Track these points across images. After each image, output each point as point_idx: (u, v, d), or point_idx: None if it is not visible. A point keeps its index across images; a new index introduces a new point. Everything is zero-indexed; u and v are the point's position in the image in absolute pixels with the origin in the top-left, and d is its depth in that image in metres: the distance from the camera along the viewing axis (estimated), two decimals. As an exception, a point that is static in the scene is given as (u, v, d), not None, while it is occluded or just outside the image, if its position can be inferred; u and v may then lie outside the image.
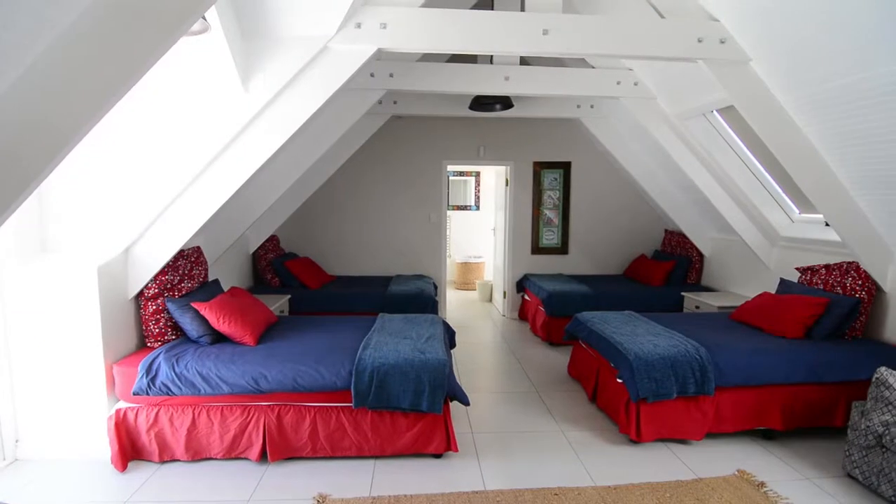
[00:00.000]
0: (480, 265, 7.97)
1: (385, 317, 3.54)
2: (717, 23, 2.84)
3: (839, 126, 2.76)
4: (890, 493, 2.29)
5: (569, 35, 2.77)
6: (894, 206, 2.87)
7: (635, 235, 6.05)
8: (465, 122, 5.68)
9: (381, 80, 3.75)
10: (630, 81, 4.01)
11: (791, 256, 4.03)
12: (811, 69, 2.62)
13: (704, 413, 2.86)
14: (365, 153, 5.59)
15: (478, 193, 8.38)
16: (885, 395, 2.33)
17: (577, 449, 2.82)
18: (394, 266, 5.85)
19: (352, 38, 2.66)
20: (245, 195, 3.78)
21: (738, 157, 3.98)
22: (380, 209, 5.79)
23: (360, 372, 2.56)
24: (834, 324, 3.14)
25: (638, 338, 3.11)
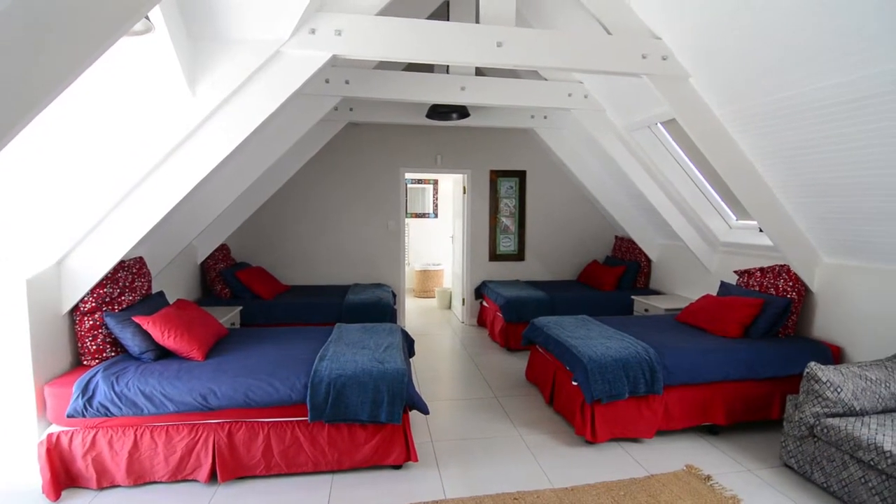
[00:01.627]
0: (439, 272, 7.99)
1: (342, 327, 3.47)
2: (659, 40, 3.00)
3: (768, 139, 2.98)
4: (822, 479, 2.46)
5: (522, 48, 2.84)
6: (819, 213, 3.12)
7: (588, 242, 6.25)
8: (422, 130, 5.70)
9: (336, 86, 3.71)
10: (580, 94, 4.16)
11: (730, 260, 4.30)
12: (742, 86, 2.82)
13: (654, 412, 2.98)
14: (321, 160, 5.50)
15: (436, 201, 8.41)
16: (816, 389, 2.52)
17: (535, 452, 2.86)
18: (351, 275, 5.76)
19: (306, 44, 2.61)
20: (192, 203, 3.62)
21: (680, 168, 4.21)
22: (337, 217, 5.69)
23: (316, 384, 2.50)
24: (769, 323, 3.36)
25: (591, 341, 3.20)
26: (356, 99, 4.35)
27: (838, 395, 2.46)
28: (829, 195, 2.93)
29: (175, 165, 2.61)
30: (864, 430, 2.29)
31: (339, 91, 3.73)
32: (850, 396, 2.47)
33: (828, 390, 2.47)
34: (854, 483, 2.29)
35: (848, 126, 2.49)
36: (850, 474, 2.31)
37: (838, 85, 2.35)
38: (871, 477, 2.21)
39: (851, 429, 2.32)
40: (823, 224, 3.16)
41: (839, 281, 3.28)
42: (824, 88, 2.43)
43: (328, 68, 3.56)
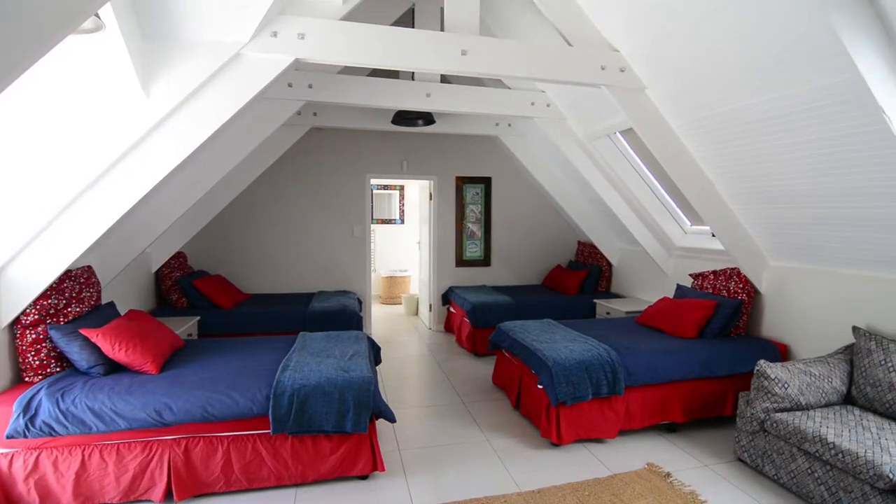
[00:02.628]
0: (406, 279, 7.95)
1: (306, 335, 3.39)
2: (617, 53, 3.12)
3: (718, 148, 3.13)
4: (772, 472, 2.59)
5: (486, 56, 2.89)
6: (764, 218, 3.30)
7: (552, 247, 6.38)
8: (388, 136, 5.68)
9: (299, 90, 3.65)
10: (543, 103, 4.26)
11: (685, 264, 4.48)
12: (692, 98, 2.97)
13: (617, 412, 3.06)
14: (284, 165, 5.38)
15: (402, 207, 8.38)
16: (765, 385, 2.65)
17: (502, 457, 2.88)
18: (316, 282, 5.65)
19: (267, 47, 2.56)
20: (146, 208, 3.46)
21: (638, 175, 4.36)
22: (301, 223, 5.58)
23: (278, 395, 2.43)
24: (721, 323, 3.52)
25: (556, 344, 3.26)
26: (320, 103, 4.29)
27: (786, 390, 2.60)
28: (773, 202, 3.11)
29: (127, 169, 2.49)
30: (810, 424, 2.42)
31: (303, 95, 3.67)
32: (797, 392, 2.62)
33: (776, 386, 2.61)
34: (801, 474, 2.42)
35: (785, 137, 2.66)
36: (798, 466, 2.44)
37: (776, 99, 2.51)
38: (817, 468, 2.34)
39: (798, 422, 2.45)
40: (769, 229, 3.35)
41: (785, 282, 3.48)
42: (764, 102, 2.59)
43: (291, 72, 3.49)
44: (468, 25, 2.96)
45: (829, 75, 2.20)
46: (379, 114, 4.79)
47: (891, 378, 2.51)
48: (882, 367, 2.57)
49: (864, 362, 2.68)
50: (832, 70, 2.16)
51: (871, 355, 2.65)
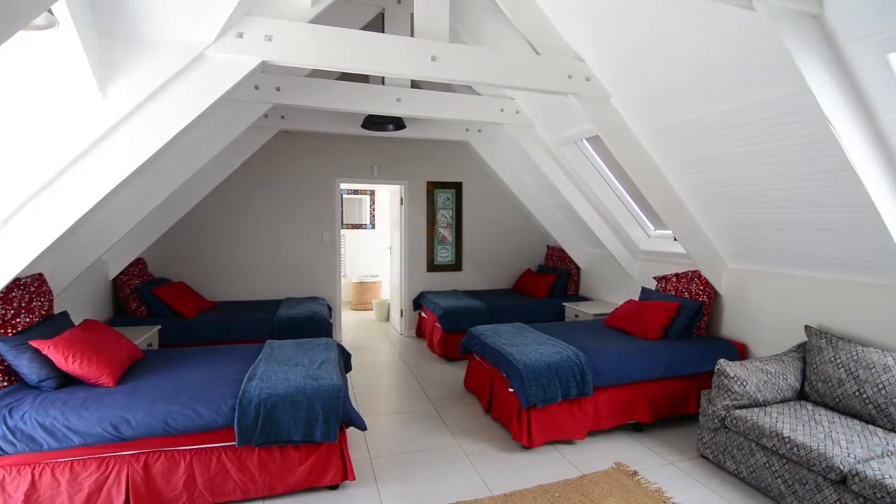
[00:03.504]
0: (377, 284, 7.88)
1: (274, 343, 3.31)
2: (583, 62, 3.20)
3: (679, 156, 3.25)
4: (733, 467, 2.69)
5: (456, 63, 2.91)
6: (723, 223, 3.44)
7: (522, 251, 6.46)
8: (358, 141, 5.64)
9: (266, 93, 3.58)
10: (512, 109, 4.32)
11: (649, 267, 4.62)
12: (656, 107, 3.07)
13: (586, 413, 3.11)
14: (251, 169, 5.26)
15: (373, 212, 8.32)
16: (725, 383, 2.76)
17: (474, 461, 2.88)
18: (284, 289, 5.53)
19: (233, 48, 2.50)
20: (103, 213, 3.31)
21: (604, 181, 4.48)
22: (268, 228, 5.46)
23: (244, 406, 2.36)
24: (684, 324, 3.64)
25: (526, 347, 3.30)
26: (288, 107, 4.22)
27: (744, 388, 2.71)
28: (731, 207, 3.25)
29: (82, 172, 2.38)
30: (767, 419, 2.53)
31: (270, 98, 3.60)
32: (755, 389, 2.73)
33: (735, 384, 2.72)
34: (760, 468, 2.52)
35: (741, 146, 2.79)
36: (757, 460, 2.54)
37: (732, 110, 2.64)
38: (774, 461, 2.45)
39: (756, 418, 2.56)
40: (727, 233, 3.49)
41: (742, 284, 3.64)
42: (720, 113, 2.71)
43: (257, 74, 3.43)
44: (438, 32, 2.98)
45: (779, 88, 2.32)
46: (349, 118, 4.75)
47: (840, 374, 2.66)
48: (832, 363, 2.72)
49: (816, 359, 2.82)
50: (783, 83, 2.28)
51: (822, 353, 2.80)
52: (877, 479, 1.98)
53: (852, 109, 2.13)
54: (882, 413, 2.44)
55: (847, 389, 2.60)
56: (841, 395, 2.63)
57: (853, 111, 2.13)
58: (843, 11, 1.93)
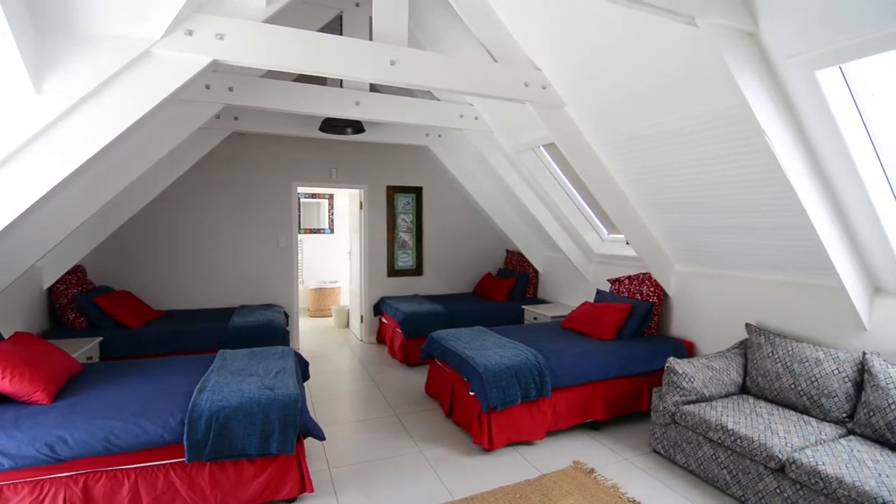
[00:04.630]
0: (336, 290, 7.74)
1: (226, 353, 3.18)
2: (539, 71, 3.28)
3: (629, 163, 3.39)
4: (683, 461, 2.81)
5: (415, 68, 2.91)
6: (670, 227, 3.61)
7: (482, 256, 6.53)
8: (315, 144, 5.53)
9: (218, 93, 3.45)
10: (471, 115, 4.38)
11: (604, 270, 4.78)
12: (607, 116, 3.20)
13: (544, 414, 3.17)
14: (202, 172, 5.05)
15: (331, 216, 8.18)
16: (674, 380, 2.88)
17: (435, 466, 2.88)
18: (238, 296, 5.33)
19: (181, 46, 2.40)
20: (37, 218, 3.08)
21: (560, 187, 4.61)
22: (221, 233, 5.25)
23: (194, 420, 2.25)
24: (636, 325, 3.78)
25: (487, 351, 3.33)
26: (242, 107, 4.09)
27: (692, 384, 2.85)
28: (677, 212, 3.42)
29: (14, 172, 2.20)
30: (713, 413, 2.67)
31: (222, 98, 3.48)
32: (701, 385, 2.87)
33: (683, 381, 2.85)
34: (707, 460, 2.65)
35: (685, 154, 2.95)
36: (704, 453, 2.67)
37: (677, 120, 2.78)
38: (720, 453, 2.58)
39: (703, 413, 2.69)
40: (674, 237, 3.67)
41: (689, 285, 3.83)
42: (667, 122, 2.86)
43: (209, 73, 3.31)
44: (397, 36, 2.98)
45: (720, 100, 2.47)
46: (306, 120, 4.66)
47: (777, 368, 2.84)
48: (770, 358, 2.90)
49: (756, 355, 3.00)
50: (723, 96, 2.43)
51: (761, 349, 2.98)
52: (811, 466, 2.13)
53: (785, 122, 2.29)
54: (815, 404, 2.62)
55: (784, 382, 2.78)
56: (778, 388, 2.81)
57: (786, 123, 2.30)
58: (776, 31, 2.08)
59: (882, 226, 2.39)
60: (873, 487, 1.93)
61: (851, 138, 2.21)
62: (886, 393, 2.33)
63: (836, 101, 2.14)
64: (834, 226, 2.50)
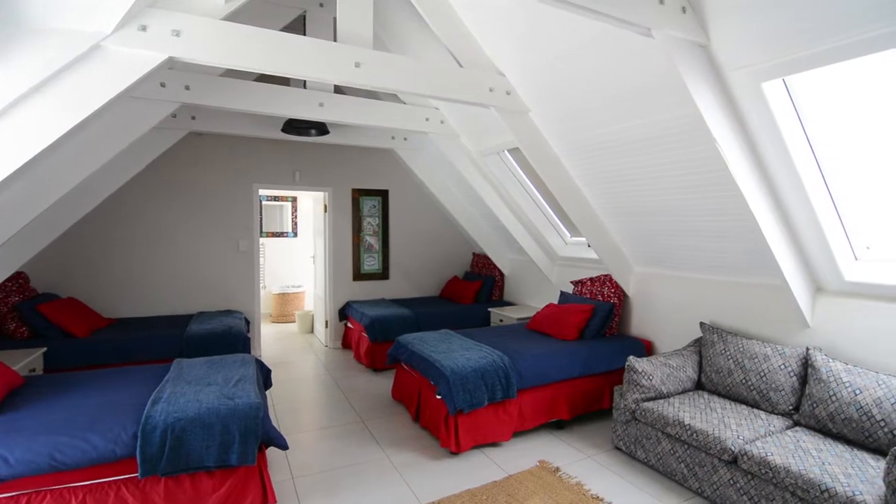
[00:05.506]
0: (300, 295, 7.57)
1: (182, 362, 3.06)
2: (504, 77, 3.33)
3: (590, 168, 3.49)
4: (644, 456, 2.90)
5: (381, 70, 2.90)
6: (629, 230, 3.74)
7: (449, 259, 6.55)
8: (278, 145, 5.40)
9: (174, 91, 3.32)
10: (437, 119, 4.39)
11: (567, 272, 4.89)
12: (569, 122, 3.28)
13: (511, 415, 3.20)
14: (156, 173, 4.84)
15: (295, 219, 8.00)
16: (634, 378, 2.98)
17: (402, 472, 2.85)
18: (195, 302, 5.13)
19: (134, 42, 2.29)
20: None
21: (524, 191, 4.68)
22: (178, 237, 5.04)
23: (148, 432, 2.14)
24: (598, 325, 3.88)
25: (453, 354, 3.34)
26: (199, 107, 3.95)
27: (651, 382, 2.95)
28: (634, 215, 3.54)
29: (-58, 174, 2.05)
30: (671, 409, 2.77)
31: (178, 97, 3.35)
32: (660, 382, 2.98)
33: (643, 379, 2.94)
34: (666, 455, 2.74)
35: (642, 160, 3.07)
36: (663, 448, 2.76)
37: (634, 127, 2.89)
38: (677, 448, 2.68)
39: (661, 409, 2.79)
40: (633, 239, 3.80)
41: (647, 286, 3.96)
42: (625, 129, 2.96)
43: (164, 71, 3.18)
44: (362, 38, 2.95)
45: (675, 108, 2.58)
46: (268, 121, 4.54)
47: (729, 365, 2.98)
48: (722, 355, 3.04)
49: (710, 352, 3.14)
50: (677, 105, 2.54)
51: (714, 346, 3.12)
52: (762, 457, 2.24)
53: (735, 130, 2.42)
54: (764, 398, 2.77)
55: (735, 378, 2.92)
56: (731, 383, 2.95)
57: (735, 132, 2.42)
58: (725, 44, 2.19)
59: (822, 229, 2.55)
60: (817, 475, 2.05)
61: (794, 147, 2.36)
62: (828, 386, 2.48)
63: (780, 111, 2.28)
64: (779, 229, 2.65)
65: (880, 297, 2.56)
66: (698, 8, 2.17)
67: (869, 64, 2.01)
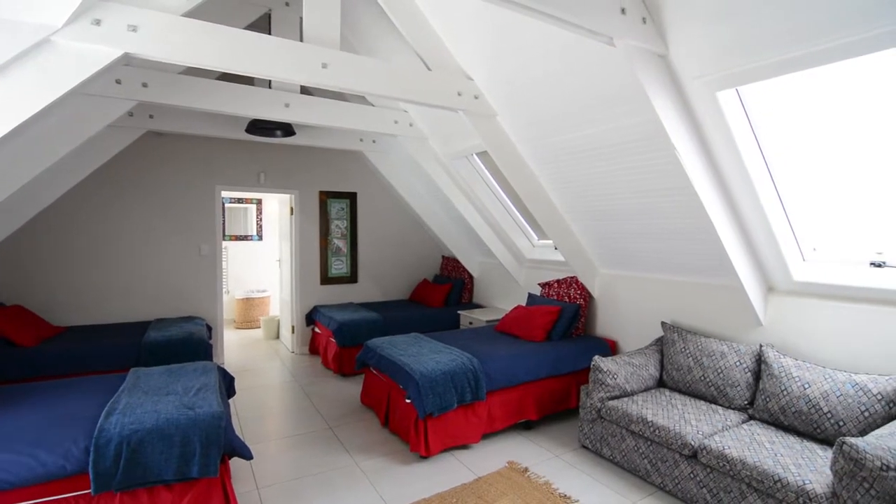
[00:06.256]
0: (265, 300, 7.38)
1: (140, 372, 2.92)
2: (472, 81, 3.36)
3: (555, 172, 3.56)
4: (609, 454, 2.97)
5: (348, 72, 2.87)
6: (594, 233, 3.83)
7: (418, 262, 6.53)
8: (242, 146, 5.26)
9: (130, 88, 3.19)
10: (406, 122, 4.38)
11: (534, 274, 4.96)
12: (536, 127, 3.34)
13: (480, 417, 3.22)
14: (112, 173, 4.63)
15: (260, 222, 7.81)
16: (600, 377, 3.04)
17: (371, 478, 2.82)
18: (154, 309, 4.92)
19: (88, 36, 2.19)
20: None
21: (493, 194, 4.73)
22: (135, 241, 4.82)
23: (101, 446, 2.04)
24: (565, 326, 3.96)
25: (422, 357, 3.33)
26: (158, 105, 3.80)
27: (615, 380, 3.02)
28: (599, 219, 3.64)
29: None
30: (634, 407, 2.85)
31: (135, 95, 3.21)
32: (624, 381, 3.06)
33: (608, 378, 3.02)
34: (630, 452, 2.82)
35: (606, 165, 3.15)
36: (627, 445, 2.84)
37: (599, 133, 2.97)
38: (641, 444, 2.76)
39: (625, 407, 2.86)
40: (597, 242, 3.89)
41: (612, 287, 4.07)
42: (590, 135, 3.04)
43: (120, 67, 3.05)
44: (329, 39, 2.92)
45: (636, 116, 2.67)
46: (231, 121, 4.42)
47: (689, 362, 3.09)
48: (682, 353, 3.15)
49: (670, 351, 3.25)
50: (638, 112, 2.63)
51: (675, 345, 3.23)
52: (720, 451, 2.33)
53: (692, 137, 2.52)
54: (721, 393, 2.88)
55: (695, 375, 3.03)
56: (690, 380, 3.06)
57: (693, 138, 2.52)
58: (683, 54, 2.28)
59: (773, 232, 2.69)
60: (771, 466, 2.15)
61: (747, 153, 2.48)
62: (779, 381, 2.61)
63: (734, 119, 2.39)
64: (733, 232, 2.78)
65: (826, 296, 2.71)
66: (658, 19, 2.25)
67: (816, 75, 2.14)
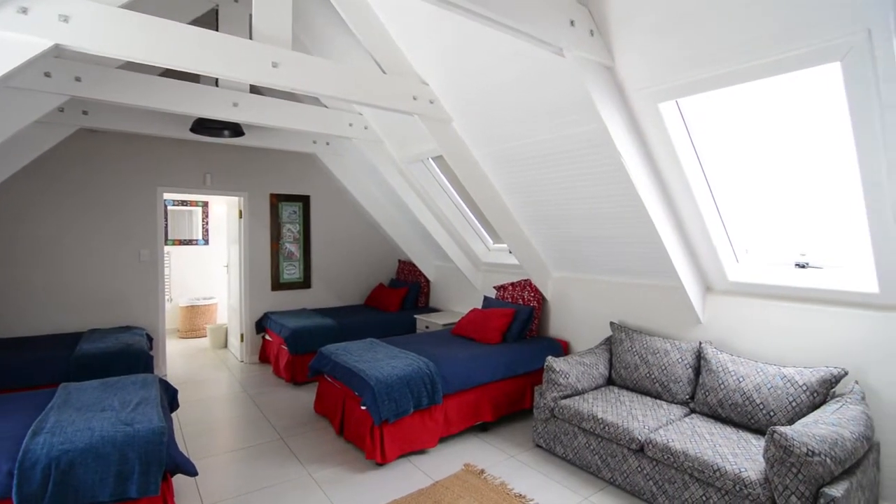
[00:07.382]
0: (211, 307, 7.05)
1: (70, 387, 2.71)
2: (427, 86, 3.37)
3: (508, 177, 3.64)
4: (562, 452, 3.05)
5: (300, 72, 2.81)
6: (546, 237, 3.94)
7: (373, 266, 6.46)
8: (186, 146, 5.02)
9: (61, 82, 2.97)
10: (361, 125, 4.33)
11: (490, 277, 5.03)
12: (489, 133, 3.40)
13: (436, 421, 3.22)
14: (40, 173, 4.29)
15: (206, 226, 7.46)
16: (553, 377, 3.12)
17: (325, 488, 2.75)
18: (87, 318, 4.58)
19: (13, 25, 2.02)
20: None
21: (448, 198, 4.76)
22: (66, 245, 4.48)
23: (26, 469, 1.88)
24: (519, 328, 4.04)
25: (378, 363, 3.29)
26: (93, 101, 3.55)
27: (567, 380, 3.11)
28: (550, 223, 3.74)
29: None
30: (585, 405, 2.94)
31: (66, 89, 2.99)
32: (575, 380, 3.15)
33: (560, 377, 3.10)
34: (582, 449, 2.90)
35: (555, 171, 3.26)
36: (579, 442, 2.92)
37: (549, 140, 3.07)
38: (592, 441, 2.85)
39: (577, 405, 2.95)
40: (549, 245, 4.00)
41: (564, 289, 4.19)
42: (540, 142, 3.14)
43: (49, 59, 2.84)
44: (279, 38, 2.84)
45: (584, 124, 2.77)
46: (174, 119, 4.21)
47: (635, 360, 3.22)
48: (630, 352, 3.28)
49: (619, 350, 3.38)
50: (586, 121, 2.73)
51: (622, 344, 3.37)
52: (665, 444, 2.45)
53: (637, 145, 2.65)
54: (665, 389, 3.03)
55: (641, 372, 3.17)
56: (637, 377, 3.19)
57: (637, 147, 2.65)
58: (628, 66, 2.40)
59: (710, 236, 2.87)
60: (710, 457, 2.28)
61: (686, 161, 2.63)
62: (717, 375, 2.77)
63: (674, 129, 2.53)
64: (675, 235, 2.94)
65: (757, 295, 2.92)
66: (605, 32, 2.35)
67: (748, 90, 2.31)
